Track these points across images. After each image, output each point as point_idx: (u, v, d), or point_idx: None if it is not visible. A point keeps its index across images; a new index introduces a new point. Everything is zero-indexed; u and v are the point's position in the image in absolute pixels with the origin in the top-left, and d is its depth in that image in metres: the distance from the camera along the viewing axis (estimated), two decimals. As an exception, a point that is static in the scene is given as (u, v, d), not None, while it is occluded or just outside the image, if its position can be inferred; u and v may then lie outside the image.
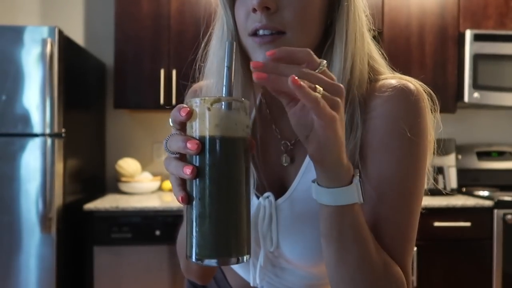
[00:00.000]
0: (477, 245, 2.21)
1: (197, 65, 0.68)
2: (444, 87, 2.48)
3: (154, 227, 2.03)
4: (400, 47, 2.45)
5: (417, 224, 0.58)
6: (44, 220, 1.87)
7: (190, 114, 0.41)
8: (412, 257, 0.58)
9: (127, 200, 2.21)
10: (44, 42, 1.87)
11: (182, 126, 0.44)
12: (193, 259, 0.42)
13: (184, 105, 0.42)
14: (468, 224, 2.19)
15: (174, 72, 2.32)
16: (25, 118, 1.90)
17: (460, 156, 2.66)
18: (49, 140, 1.89)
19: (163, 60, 2.34)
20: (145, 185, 2.44)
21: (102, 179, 2.61)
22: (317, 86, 0.42)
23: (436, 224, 2.17)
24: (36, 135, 1.90)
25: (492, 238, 2.20)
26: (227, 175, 0.41)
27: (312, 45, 0.59)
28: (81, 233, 2.21)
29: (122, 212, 2.02)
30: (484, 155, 2.75)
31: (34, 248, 1.90)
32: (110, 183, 2.64)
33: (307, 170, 0.60)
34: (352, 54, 0.57)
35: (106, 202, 2.12)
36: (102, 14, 2.66)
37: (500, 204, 2.20)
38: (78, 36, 2.63)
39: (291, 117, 0.44)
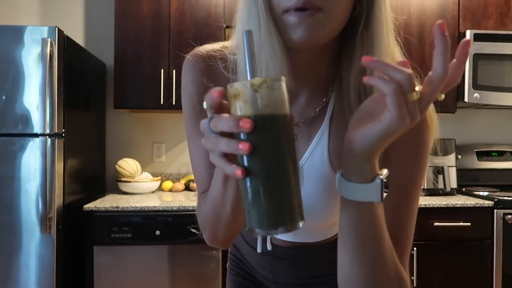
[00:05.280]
0: (477, 245, 2.21)
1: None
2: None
3: (154, 227, 2.02)
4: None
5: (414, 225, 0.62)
6: (44, 220, 1.87)
7: (223, 95, 0.43)
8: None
9: (127, 200, 2.21)
10: (44, 42, 1.87)
11: (219, 109, 0.45)
12: (255, 232, 0.44)
13: (216, 89, 0.43)
14: (468, 224, 2.19)
15: (174, 72, 2.32)
16: (25, 118, 1.90)
17: (460, 156, 2.66)
18: (49, 140, 1.89)
19: (163, 60, 2.34)
20: (145, 185, 2.44)
21: (102, 179, 2.61)
22: (416, 89, 0.43)
23: (436, 224, 2.17)
24: (36, 135, 1.90)
25: (492, 238, 2.20)
26: (279, 151, 0.43)
27: (341, 26, 0.59)
28: (81, 233, 2.21)
29: (122, 212, 2.02)
30: (484, 155, 2.76)
31: (34, 248, 1.90)
32: (110, 183, 2.64)
33: (314, 150, 0.64)
34: (391, 37, 0.58)
35: (106, 202, 2.12)
36: (102, 14, 2.66)
37: (500, 204, 2.20)
38: (78, 36, 2.63)
39: (368, 99, 0.47)
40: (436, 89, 0.45)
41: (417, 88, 0.44)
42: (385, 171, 0.50)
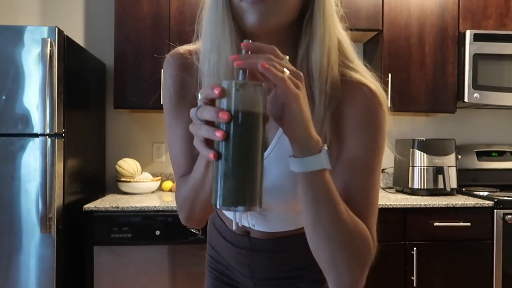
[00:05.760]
0: (477, 245, 2.21)
1: (195, 30, 0.75)
2: (444, 87, 2.48)
3: (154, 227, 2.03)
4: (400, 47, 2.45)
5: (378, 193, 0.70)
6: (44, 220, 1.87)
7: (222, 93, 0.50)
8: (376, 220, 0.67)
9: (127, 200, 2.21)
10: (44, 42, 1.87)
11: (211, 101, 0.52)
12: (218, 206, 0.52)
13: (217, 85, 0.50)
14: (468, 224, 2.19)
15: (174, 72, 2.32)
16: (25, 118, 1.90)
17: (460, 156, 2.66)
18: (49, 140, 1.89)
19: (163, 60, 2.34)
20: (145, 185, 2.44)
21: (102, 179, 2.61)
22: (284, 70, 0.52)
23: (436, 224, 2.17)
24: (36, 135, 1.90)
25: (492, 238, 2.20)
26: (249, 142, 0.51)
27: (291, 15, 0.66)
28: (81, 233, 2.21)
29: (122, 212, 2.02)
30: (484, 155, 2.76)
31: (34, 248, 1.90)
32: (110, 183, 2.64)
33: (280, 140, 0.70)
34: (329, 28, 0.66)
35: (106, 202, 2.12)
36: (102, 14, 2.66)
37: (500, 204, 2.20)
38: (78, 36, 2.63)
39: (267, 104, 0.54)
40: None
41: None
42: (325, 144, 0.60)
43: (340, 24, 0.71)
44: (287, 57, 0.56)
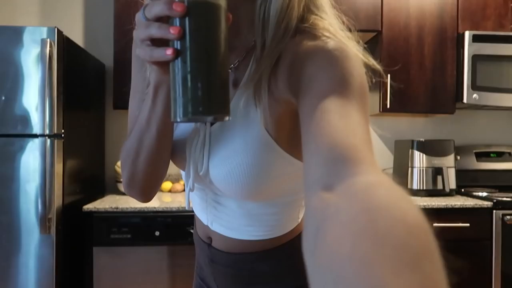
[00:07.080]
0: (476, 246, 2.21)
1: None
2: (443, 88, 2.49)
3: (154, 228, 2.03)
4: (399, 48, 2.46)
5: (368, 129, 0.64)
6: (44, 220, 1.87)
7: None
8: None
9: (127, 200, 2.21)
10: (43, 43, 1.87)
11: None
12: (179, 119, 0.43)
13: None
14: (467, 224, 2.19)
15: (173, 73, 2.32)
16: (25, 119, 1.90)
17: (459, 157, 2.66)
18: (48, 141, 1.89)
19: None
20: (144, 185, 2.44)
21: (101, 180, 2.61)
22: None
23: (435, 224, 2.17)
24: (35, 136, 1.89)
25: (491, 239, 2.20)
26: (210, 38, 0.43)
27: None
28: (80, 233, 2.21)
29: (122, 212, 2.02)
30: (483, 155, 2.76)
31: (33, 248, 1.90)
32: (110, 183, 2.64)
33: (240, 95, 0.62)
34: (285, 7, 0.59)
35: (105, 203, 2.12)
36: (102, 14, 2.66)
37: (499, 205, 2.20)
38: (77, 36, 2.63)
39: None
40: None
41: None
42: None
43: None
44: None
